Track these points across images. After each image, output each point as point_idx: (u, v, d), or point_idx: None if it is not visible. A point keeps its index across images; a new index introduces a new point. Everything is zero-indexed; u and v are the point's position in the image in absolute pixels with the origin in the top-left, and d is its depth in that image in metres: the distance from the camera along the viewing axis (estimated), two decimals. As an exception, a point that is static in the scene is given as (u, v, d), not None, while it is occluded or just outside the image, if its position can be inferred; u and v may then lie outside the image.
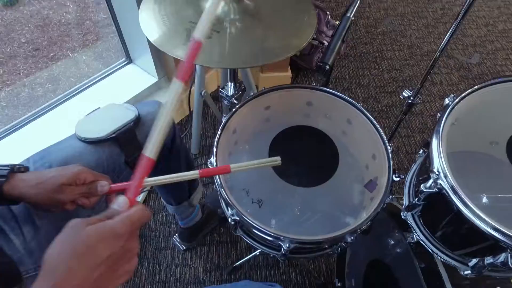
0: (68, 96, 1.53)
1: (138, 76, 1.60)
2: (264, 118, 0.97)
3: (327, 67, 0.86)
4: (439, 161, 0.56)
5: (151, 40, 0.77)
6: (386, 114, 1.76)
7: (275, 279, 1.26)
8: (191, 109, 1.65)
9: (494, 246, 0.54)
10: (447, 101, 0.63)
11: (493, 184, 0.74)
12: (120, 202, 0.43)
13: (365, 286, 1.03)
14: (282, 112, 0.96)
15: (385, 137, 0.82)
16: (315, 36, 1.72)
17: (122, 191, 0.64)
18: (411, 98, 0.98)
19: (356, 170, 0.93)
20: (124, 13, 1.42)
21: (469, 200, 0.52)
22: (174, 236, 1.34)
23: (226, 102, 1.01)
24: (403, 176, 0.79)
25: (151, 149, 0.45)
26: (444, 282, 0.71)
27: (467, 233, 0.59)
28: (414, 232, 0.75)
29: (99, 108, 0.84)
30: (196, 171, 0.62)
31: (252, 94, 1.31)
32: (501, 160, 0.76)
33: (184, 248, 1.32)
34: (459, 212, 0.54)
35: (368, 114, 0.85)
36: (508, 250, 0.51)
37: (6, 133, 1.39)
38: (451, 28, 0.84)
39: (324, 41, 1.73)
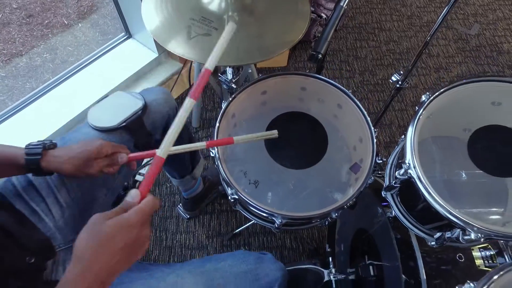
0: (71, 74, 1.59)
1: (138, 52, 1.65)
2: (261, 102, 1.06)
3: (320, 56, 0.94)
4: (410, 155, 0.67)
5: (149, 30, 0.84)
6: (381, 87, 1.84)
7: (271, 244, 1.42)
8: (191, 83, 1.73)
9: (451, 224, 0.66)
10: (423, 98, 0.72)
11: (459, 164, 0.86)
12: (132, 194, 0.51)
13: (351, 252, 1.17)
14: (277, 96, 1.05)
15: (371, 123, 0.91)
16: (312, 9, 1.76)
17: (137, 159, 0.76)
18: (400, 82, 1.06)
19: (345, 151, 1.03)
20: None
21: (431, 189, 0.64)
22: (178, 206, 1.48)
23: (225, 86, 1.09)
24: (385, 159, 0.90)
25: (162, 150, 0.55)
26: (415, 251, 0.84)
27: (432, 213, 0.71)
28: (392, 208, 0.88)
29: (107, 96, 0.92)
30: (203, 143, 0.73)
31: (250, 70, 1.39)
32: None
33: (188, 216, 1.46)
34: (424, 197, 0.66)
35: (357, 101, 0.94)
36: (460, 229, 0.63)
37: (11, 113, 1.48)
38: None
39: (323, 14, 1.76)
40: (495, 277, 0.55)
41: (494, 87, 0.71)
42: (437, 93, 0.71)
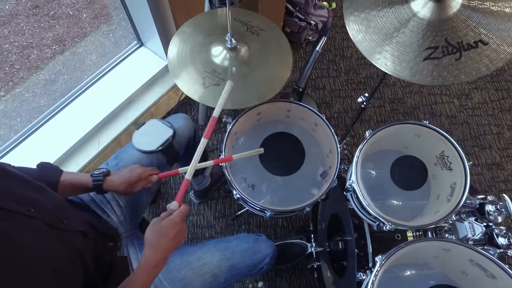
0: (88, 85, 1.91)
1: (149, 60, 1.98)
2: (256, 120, 1.45)
3: (300, 89, 1.33)
4: (354, 175, 1.08)
5: (177, 83, 1.20)
6: (363, 85, 2.20)
7: (266, 223, 1.86)
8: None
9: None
10: (367, 133, 1.12)
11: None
12: (173, 204, 0.89)
13: (328, 229, 1.61)
14: (269, 115, 1.44)
15: (337, 140, 1.30)
16: (302, 18, 2.09)
17: (165, 177, 1.14)
18: (364, 103, 1.44)
19: (320, 157, 1.43)
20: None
21: (366, 197, 1.05)
22: (190, 193, 1.90)
23: (229, 106, 1.47)
24: (347, 168, 1.31)
25: (188, 175, 0.97)
26: (366, 232, 1.27)
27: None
28: (351, 202, 1.30)
29: (144, 123, 1.26)
30: (212, 161, 1.13)
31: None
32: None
33: (198, 202, 1.89)
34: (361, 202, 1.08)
35: (328, 124, 1.33)
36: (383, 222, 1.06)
37: (34, 128, 1.78)
38: None
39: (311, 22, 2.09)
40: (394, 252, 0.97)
41: (413, 127, 1.11)
42: (376, 131, 1.10)
